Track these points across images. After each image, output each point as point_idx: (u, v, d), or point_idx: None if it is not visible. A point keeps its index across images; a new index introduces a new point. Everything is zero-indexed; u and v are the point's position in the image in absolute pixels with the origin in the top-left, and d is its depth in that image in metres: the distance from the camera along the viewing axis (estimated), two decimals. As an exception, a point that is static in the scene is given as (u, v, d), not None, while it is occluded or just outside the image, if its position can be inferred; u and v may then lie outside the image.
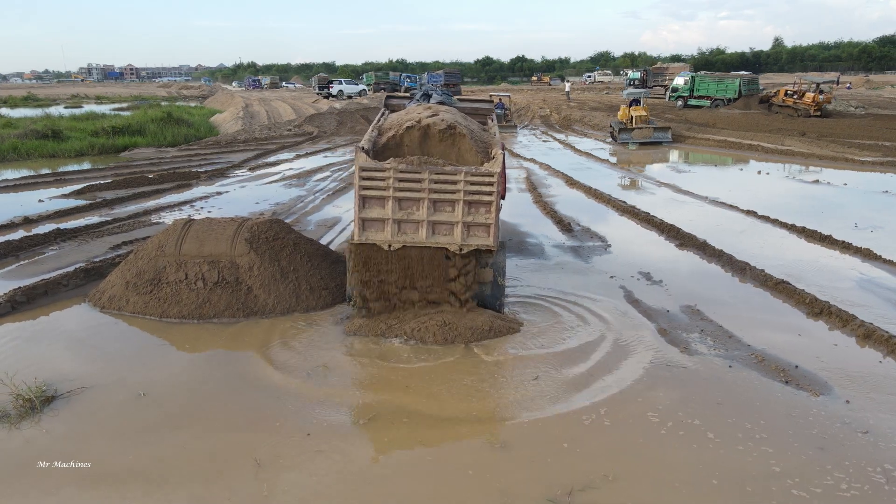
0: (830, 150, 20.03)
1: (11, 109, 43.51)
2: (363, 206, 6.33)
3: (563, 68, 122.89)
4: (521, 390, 5.52)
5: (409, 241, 6.39)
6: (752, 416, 5.04)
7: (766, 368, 5.83)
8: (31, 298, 7.56)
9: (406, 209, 6.32)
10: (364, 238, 6.40)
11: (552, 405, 5.28)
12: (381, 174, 6.23)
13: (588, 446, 4.70)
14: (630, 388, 5.54)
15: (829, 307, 7.10)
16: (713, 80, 37.57)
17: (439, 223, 6.36)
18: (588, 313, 7.22)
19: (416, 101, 8.87)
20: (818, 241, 10.09)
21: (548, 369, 5.89)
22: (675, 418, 5.03)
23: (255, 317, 7.12)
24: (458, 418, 5.10)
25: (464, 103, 9.66)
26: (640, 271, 8.76)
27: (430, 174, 6.20)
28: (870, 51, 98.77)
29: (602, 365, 5.97)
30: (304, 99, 51.86)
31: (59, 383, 5.58)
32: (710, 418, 5.03)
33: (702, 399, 5.33)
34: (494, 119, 9.03)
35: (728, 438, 4.75)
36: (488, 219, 6.31)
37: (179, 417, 5.09)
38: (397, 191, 6.23)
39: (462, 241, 6.37)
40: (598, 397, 5.38)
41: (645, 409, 5.19)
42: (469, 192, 6.22)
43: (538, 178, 16.36)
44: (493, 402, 5.38)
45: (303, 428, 4.90)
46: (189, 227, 7.80)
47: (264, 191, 14.84)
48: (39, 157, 20.25)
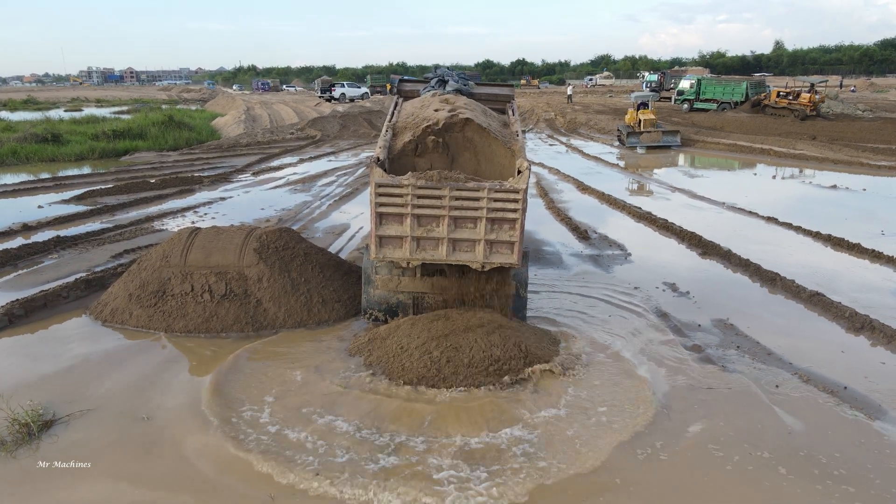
0: (844, 155, 19.69)
1: (11, 113, 43.18)
2: (380, 223, 5.93)
3: (564, 71, 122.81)
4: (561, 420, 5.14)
5: (428, 259, 6.03)
6: (824, 447, 4.62)
7: (816, 390, 5.46)
8: (30, 311, 7.20)
9: (425, 226, 5.92)
10: (382, 256, 6.05)
11: (597, 437, 4.82)
12: (399, 190, 5.80)
13: (646, 486, 4.24)
14: (680, 415, 5.09)
15: (871, 321, 6.74)
16: (719, 84, 37.31)
17: (460, 240, 5.96)
18: (617, 330, 6.85)
19: (431, 88, 8.38)
20: (846, 250, 9.73)
21: (582, 394, 5.51)
22: (741, 451, 4.57)
23: (264, 331, 6.76)
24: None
25: (482, 89, 8.96)
26: (665, 281, 8.40)
27: (451, 190, 5.77)
28: (871, 54, 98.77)
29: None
30: (305, 102, 51.52)
31: (58, 406, 5.22)
32: (779, 450, 4.57)
33: (761, 427, 4.86)
34: (515, 109, 8.35)
35: (803, 475, 4.31)
36: (513, 236, 5.89)
37: (182, 443, 4.72)
38: (416, 207, 5.83)
39: (484, 259, 5.96)
40: (647, 427, 4.94)
41: (704, 440, 4.76)
42: (493, 210, 5.80)
43: (548, 184, 16.00)
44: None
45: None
46: (195, 237, 7.43)
47: (269, 196, 14.48)
48: (39, 161, 19.87)
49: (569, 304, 7.58)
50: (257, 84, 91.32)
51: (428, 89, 8.42)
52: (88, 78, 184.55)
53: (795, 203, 13.48)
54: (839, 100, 35.46)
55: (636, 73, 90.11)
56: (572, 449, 4.62)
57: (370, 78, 70.08)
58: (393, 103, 8.16)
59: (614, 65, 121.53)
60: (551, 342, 6.38)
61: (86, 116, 34.50)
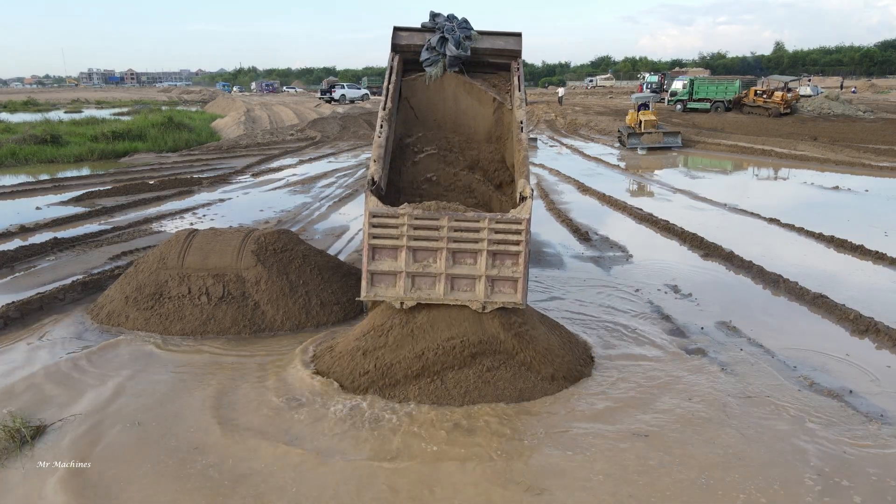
0: (846, 156, 19.62)
1: (11, 114, 43.20)
2: (373, 257, 5.54)
3: (564, 73, 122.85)
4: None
5: (424, 299, 5.56)
6: (827, 454, 4.52)
7: (821, 395, 5.37)
8: (25, 314, 7.11)
9: (421, 261, 5.53)
10: (373, 295, 5.56)
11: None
12: (394, 221, 5.47)
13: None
14: (707, 426, 5.03)
15: (876, 324, 6.66)
16: (712, 83, 37.70)
17: (459, 277, 5.55)
18: (626, 336, 6.77)
19: (432, 51, 7.67)
20: (849, 251, 9.65)
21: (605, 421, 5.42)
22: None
23: (262, 334, 6.68)
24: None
25: (485, 42, 7.89)
26: (667, 283, 8.32)
27: (450, 221, 5.43)
28: (871, 55, 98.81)
29: (659, 403, 5.52)
30: (305, 103, 51.52)
31: (50, 410, 5.13)
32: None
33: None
34: (522, 77, 7.48)
35: (800, 483, 4.18)
36: (516, 272, 5.48)
37: (176, 450, 4.63)
38: (412, 239, 5.48)
39: (485, 298, 5.50)
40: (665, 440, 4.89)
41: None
42: (494, 242, 5.45)
43: (549, 185, 15.93)
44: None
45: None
46: (192, 239, 7.36)
47: (268, 198, 14.41)
48: (38, 162, 19.83)
49: (571, 308, 7.49)
50: (262, 85, 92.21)
51: (427, 55, 7.70)
52: (89, 80, 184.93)
53: (797, 204, 13.40)
54: (840, 100, 35.41)
55: (637, 74, 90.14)
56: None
57: (366, 80, 70.26)
58: (388, 69, 7.47)
59: (615, 66, 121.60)
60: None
61: (86, 118, 34.51)
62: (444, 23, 7.68)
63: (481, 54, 7.70)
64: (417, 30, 7.84)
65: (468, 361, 5.38)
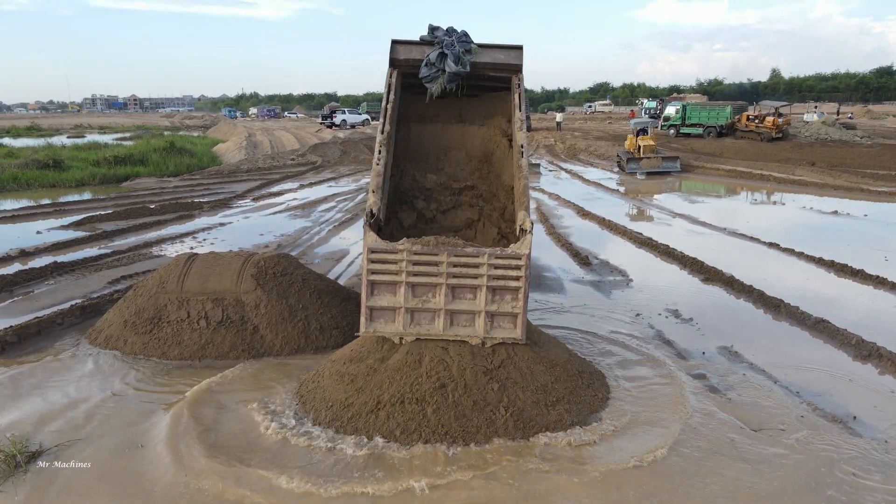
0: (844, 181, 19.71)
1: (14, 139, 43.53)
2: (371, 292, 5.54)
3: (563, 98, 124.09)
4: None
5: (423, 335, 5.53)
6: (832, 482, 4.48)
7: (825, 420, 5.31)
8: (23, 338, 7.08)
9: (420, 296, 5.53)
10: (372, 330, 5.58)
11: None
12: (393, 256, 5.48)
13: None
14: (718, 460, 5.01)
15: (878, 349, 6.62)
16: (703, 108, 38.14)
17: (459, 312, 5.54)
18: (631, 357, 6.73)
19: (430, 65, 7.36)
20: (849, 276, 9.63)
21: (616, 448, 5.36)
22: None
23: (261, 359, 6.64)
24: None
25: (485, 55, 7.53)
26: (668, 308, 8.29)
27: (449, 256, 5.45)
28: (867, 82, 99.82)
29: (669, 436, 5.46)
30: (306, 128, 51.92)
31: (46, 435, 5.08)
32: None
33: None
34: (524, 93, 7.38)
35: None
36: (515, 308, 5.48)
37: (178, 471, 4.57)
38: (411, 275, 5.49)
39: (485, 334, 5.49)
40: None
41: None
42: (493, 277, 5.46)
43: (549, 209, 15.98)
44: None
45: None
46: (192, 263, 7.35)
47: (268, 222, 14.44)
48: (40, 186, 19.92)
49: (572, 333, 7.46)
50: (263, 111, 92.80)
51: (427, 71, 7.42)
52: (93, 105, 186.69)
53: (797, 229, 13.42)
54: (837, 126, 35.71)
55: (635, 100, 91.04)
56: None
57: (365, 105, 70.92)
58: (386, 86, 7.32)
59: (613, 92, 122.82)
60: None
61: (88, 143, 34.76)
62: (444, 37, 7.45)
63: (481, 68, 7.50)
64: (416, 43, 7.61)
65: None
